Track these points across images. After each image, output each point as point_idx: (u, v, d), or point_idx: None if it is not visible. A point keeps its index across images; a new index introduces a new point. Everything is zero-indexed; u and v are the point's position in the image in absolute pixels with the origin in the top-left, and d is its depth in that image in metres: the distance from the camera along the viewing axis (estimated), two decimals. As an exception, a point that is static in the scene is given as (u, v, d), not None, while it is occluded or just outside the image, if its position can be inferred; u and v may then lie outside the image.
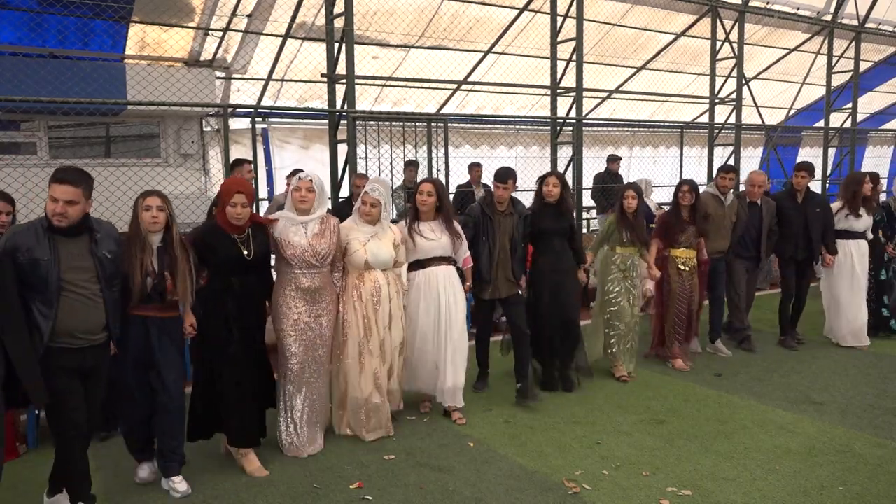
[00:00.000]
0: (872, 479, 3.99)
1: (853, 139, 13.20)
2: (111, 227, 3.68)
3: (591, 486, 3.95)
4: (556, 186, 5.56)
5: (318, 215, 4.38)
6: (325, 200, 4.45)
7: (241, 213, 4.05)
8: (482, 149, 11.36)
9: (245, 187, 4.13)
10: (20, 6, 7.04)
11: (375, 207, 4.58)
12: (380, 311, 4.58)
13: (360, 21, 8.34)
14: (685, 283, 6.14)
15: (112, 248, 3.55)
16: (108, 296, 3.48)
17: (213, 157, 8.87)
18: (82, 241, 3.44)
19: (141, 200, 3.80)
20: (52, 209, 3.32)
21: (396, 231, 4.77)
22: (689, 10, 10.52)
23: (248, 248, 4.10)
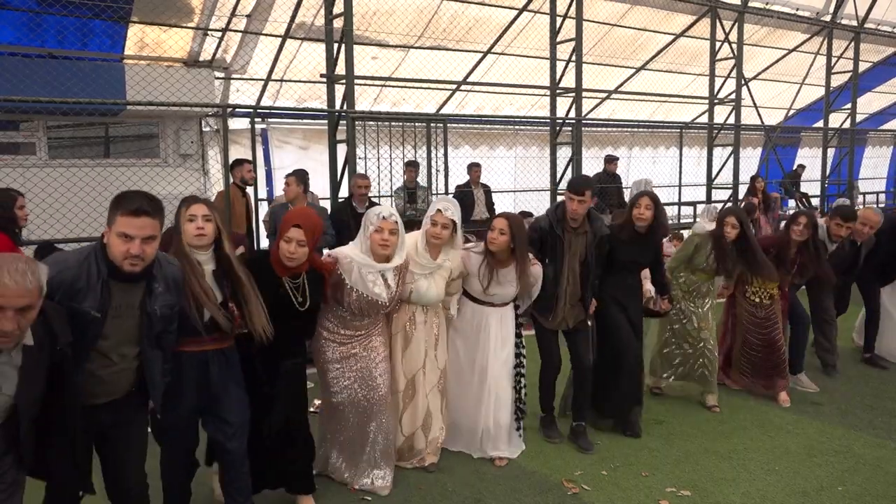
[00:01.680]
0: (871, 480, 3.99)
1: (852, 139, 13.21)
2: (174, 268, 2.87)
3: (591, 486, 3.94)
4: (648, 209, 4.49)
5: (398, 263, 3.71)
6: (405, 242, 3.76)
7: (296, 252, 3.30)
8: (481, 149, 11.36)
9: (306, 221, 3.35)
10: (19, 6, 7.04)
11: (447, 229, 3.89)
12: (411, 347, 4.00)
13: (360, 21, 8.35)
14: (756, 312, 5.27)
15: (171, 300, 2.79)
16: (149, 358, 2.77)
17: (212, 157, 8.87)
18: (136, 290, 2.69)
19: (183, 209, 3.06)
20: (125, 251, 2.53)
21: (457, 266, 4.07)
22: (688, 10, 10.53)
23: (301, 296, 3.39)
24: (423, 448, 4.11)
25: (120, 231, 2.53)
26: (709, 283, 5.14)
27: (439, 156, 8.44)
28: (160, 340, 2.82)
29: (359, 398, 3.76)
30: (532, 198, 10.66)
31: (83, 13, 7.00)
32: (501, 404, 4.27)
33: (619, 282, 4.61)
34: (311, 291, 3.44)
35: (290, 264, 3.34)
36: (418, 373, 4.03)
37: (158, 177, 7.63)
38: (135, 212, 2.53)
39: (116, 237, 2.54)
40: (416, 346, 4.01)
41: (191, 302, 2.95)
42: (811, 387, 5.55)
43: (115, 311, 2.62)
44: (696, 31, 11.06)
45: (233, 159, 7.16)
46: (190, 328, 2.98)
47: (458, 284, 4.16)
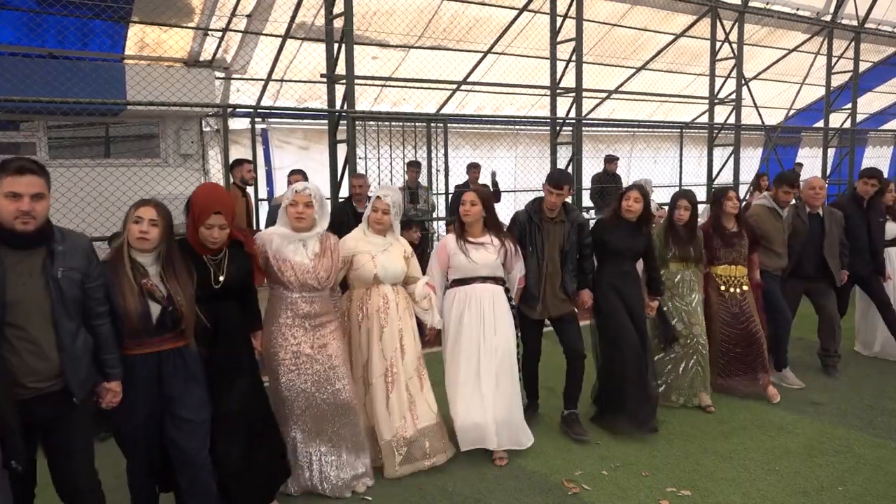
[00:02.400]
0: (872, 480, 3.99)
1: (852, 140, 13.21)
2: (81, 236, 2.88)
3: (591, 486, 3.95)
4: (637, 202, 4.70)
5: (318, 232, 3.82)
6: (325, 215, 3.88)
7: (219, 236, 3.33)
8: (482, 149, 11.36)
9: (224, 204, 3.37)
10: (20, 6, 7.04)
11: (387, 214, 4.11)
12: (387, 328, 4.05)
13: (360, 21, 8.35)
14: (730, 306, 5.27)
15: (78, 263, 2.75)
16: (66, 330, 2.69)
17: (212, 157, 8.88)
18: (36, 257, 2.66)
19: (132, 210, 3.06)
20: (15, 209, 2.56)
21: (406, 243, 4.30)
22: (688, 10, 10.53)
23: (221, 272, 3.38)
24: (425, 445, 4.08)
25: (7, 191, 2.56)
26: (686, 271, 5.14)
27: (440, 156, 8.44)
28: (88, 320, 2.80)
29: (317, 402, 3.73)
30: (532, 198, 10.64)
31: (83, 13, 7.01)
32: (510, 394, 4.30)
33: (615, 269, 4.75)
34: (233, 266, 3.42)
35: (214, 247, 3.37)
36: (396, 354, 4.06)
37: (159, 177, 7.63)
38: (19, 170, 2.57)
39: (4, 199, 2.56)
40: (392, 328, 4.06)
41: (122, 298, 2.92)
42: (796, 383, 5.55)
43: (16, 278, 2.58)
44: (697, 31, 11.06)
45: (233, 159, 7.16)
46: (135, 331, 2.97)
47: (416, 266, 4.27)
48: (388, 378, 4.05)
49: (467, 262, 4.28)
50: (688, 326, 5.12)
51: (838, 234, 5.80)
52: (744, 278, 5.31)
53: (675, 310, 5.15)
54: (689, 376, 5.13)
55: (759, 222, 5.55)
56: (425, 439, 4.10)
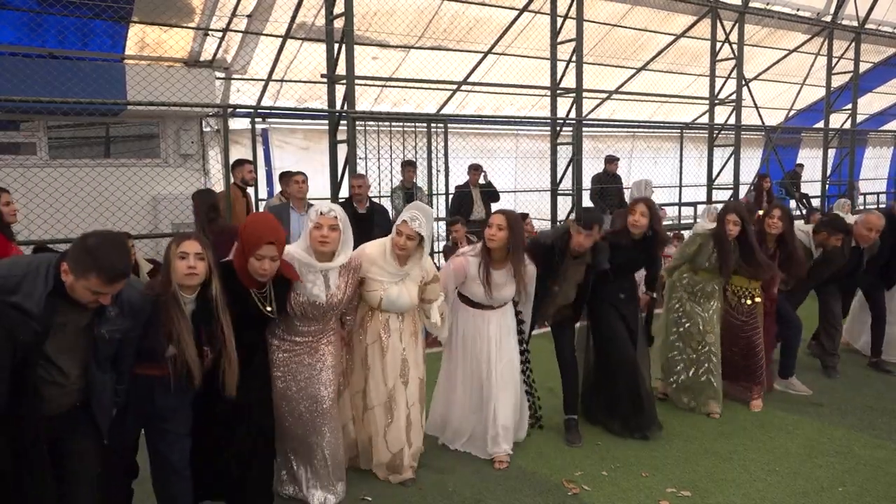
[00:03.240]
0: (872, 481, 3.99)
1: (853, 140, 13.21)
2: (134, 290, 2.76)
3: (591, 486, 3.94)
4: (643, 216, 4.49)
5: (342, 262, 3.51)
6: (349, 239, 3.53)
7: (270, 269, 3.15)
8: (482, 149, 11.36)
9: (278, 235, 3.17)
10: (20, 6, 7.04)
11: (412, 241, 3.72)
12: (389, 355, 3.86)
13: (360, 21, 8.34)
14: (736, 314, 5.14)
15: (124, 324, 2.69)
16: (96, 380, 2.68)
17: (212, 157, 8.87)
18: (87, 311, 2.59)
19: (174, 246, 2.88)
20: (93, 300, 2.49)
21: (429, 268, 3.94)
22: (688, 10, 10.53)
23: (269, 304, 3.25)
24: (406, 462, 4.00)
25: (94, 290, 2.45)
26: (713, 282, 4.99)
27: (440, 156, 8.44)
28: (114, 364, 2.75)
29: (301, 410, 3.57)
30: (532, 198, 10.66)
31: (84, 13, 7.00)
32: (506, 407, 4.24)
33: (615, 287, 4.60)
34: (278, 298, 3.31)
35: (263, 280, 3.20)
36: (398, 382, 3.90)
37: (159, 177, 7.64)
38: (112, 279, 2.46)
39: (85, 289, 2.45)
40: (393, 355, 3.87)
41: (164, 339, 2.84)
42: (804, 390, 5.46)
43: (59, 327, 2.53)
44: (697, 32, 11.06)
45: (233, 160, 7.16)
46: (145, 353, 2.88)
47: (436, 289, 3.98)
48: (387, 408, 3.91)
49: (485, 297, 4.11)
50: (702, 333, 5.01)
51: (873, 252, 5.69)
52: (755, 290, 5.14)
53: (691, 313, 5.04)
54: (700, 383, 5.05)
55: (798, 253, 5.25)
56: (413, 459, 4.06)
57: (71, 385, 2.65)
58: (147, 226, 7.90)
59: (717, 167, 11.02)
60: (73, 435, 2.73)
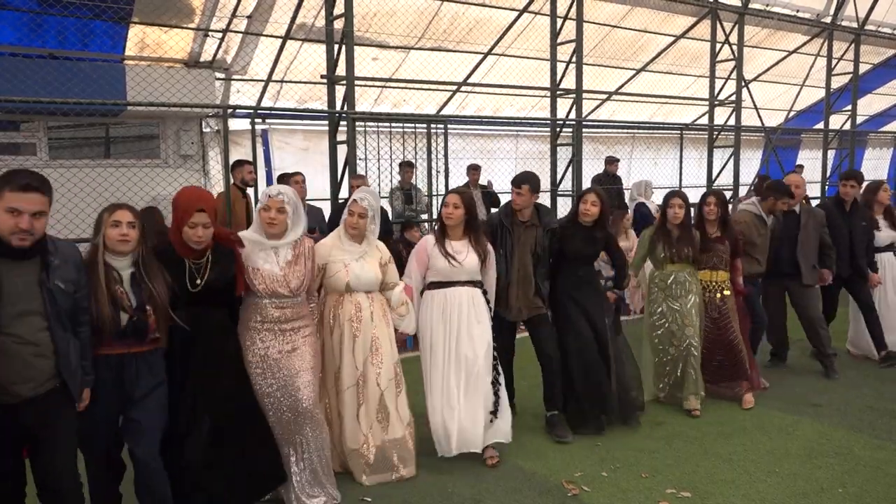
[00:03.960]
0: (872, 481, 3.99)
1: (852, 141, 13.22)
2: (72, 248, 2.94)
3: (591, 487, 3.94)
4: (594, 206, 4.71)
5: (292, 239, 3.70)
6: (299, 220, 3.75)
7: (203, 235, 3.30)
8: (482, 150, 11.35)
9: (207, 202, 3.36)
10: (20, 7, 7.05)
11: (363, 219, 3.98)
12: (360, 337, 3.96)
13: (360, 22, 8.34)
14: (710, 311, 5.21)
15: (70, 275, 2.82)
16: (60, 337, 2.75)
17: (212, 158, 8.87)
18: (31, 267, 2.71)
19: (107, 215, 3.07)
20: (13, 225, 2.59)
21: (384, 249, 4.17)
22: (688, 11, 10.53)
23: (199, 277, 3.35)
24: (389, 451, 3.99)
25: (8, 206, 2.59)
26: (684, 272, 5.09)
27: (440, 157, 8.44)
28: (74, 326, 2.83)
29: (283, 408, 3.62)
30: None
31: (84, 14, 7.01)
32: (485, 397, 4.21)
33: (570, 274, 4.77)
34: (215, 271, 3.38)
35: (198, 248, 3.34)
36: (367, 362, 3.97)
37: (159, 177, 7.63)
38: (24, 187, 2.60)
39: (4, 213, 2.59)
40: (364, 337, 3.97)
41: (104, 304, 2.96)
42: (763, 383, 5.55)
43: (12, 288, 2.63)
44: (697, 33, 11.06)
45: (233, 160, 7.16)
46: (107, 333, 2.99)
47: (394, 272, 4.17)
48: (359, 388, 3.96)
49: (448, 266, 4.21)
50: (681, 328, 5.08)
51: (816, 233, 5.75)
52: (724, 283, 5.22)
53: (668, 311, 5.12)
54: (684, 379, 5.10)
55: (746, 229, 5.50)
56: (393, 451, 4.02)
57: (43, 348, 2.71)
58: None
59: (717, 168, 11.02)
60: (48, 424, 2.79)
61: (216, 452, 3.35)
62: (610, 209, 4.88)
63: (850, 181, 6.09)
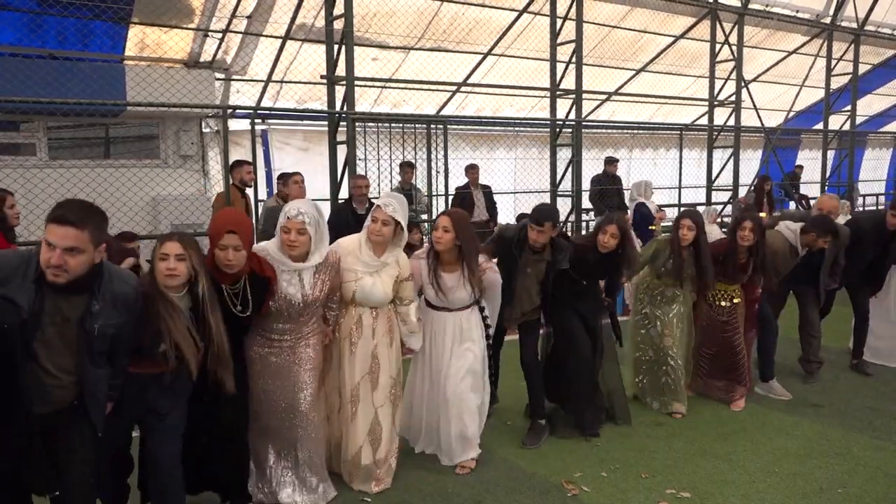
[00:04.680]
0: (871, 482, 3.99)
1: (852, 142, 13.22)
2: (126, 283, 2.76)
3: (590, 487, 3.94)
4: (614, 238, 4.47)
5: (316, 262, 3.53)
6: (322, 240, 3.55)
7: (234, 258, 3.15)
8: (481, 150, 11.37)
9: (240, 225, 3.20)
10: (20, 7, 7.05)
11: (388, 226, 3.70)
12: (357, 354, 3.81)
13: (360, 23, 8.35)
14: (717, 315, 5.17)
15: (117, 320, 2.66)
16: (88, 373, 2.64)
17: (212, 158, 8.88)
18: (76, 302, 2.58)
19: (158, 246, 2.91)
20: (47, 259, 2.44)
21: (405, 265, 3.90)
22: (688, 12, 10.54)
23: (241, 303, 3.25)
24: (374, 468, 3.90)
25: (46, 238, 2.45)
26: (673, 289, 5.03)
27: (439, 157, 8.44)
28: (110, 359, 2.73)
29: (279, 410, 3.57)
30: (532, 200, 10.66)
31: (84, 14, 7.01)
32: (465, 413, 4.10)
33: (572, 289, 4.61)
34: (253, 296, 3.28)
35: (230, 272, 3.19)
36: (363, 380, 3.84)
37: (158, 178, 7.64)
38: (57, 219, 2.43)
39: (44, 244, 2.46)
40: (363, 352, 3.82)
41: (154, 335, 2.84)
42: (784, 394, 5.40)
43: (51, 318, 2.52)
44: (697, 33, 11.07)
45: (233, 161, 7.16)
46: (141, 350, 2.88)
47: (410, 288, 3.94)
48: (354, 404, 3.85)
49: (437, 299, 4.05)
50: (660, 336, 5.06)
51: (833, 253, 5.57)
52: (735, 291, 5.16)
53: (651, 316, 5.12)
54: (661, 385, 5.10)
55: (773, 258, 5.22)
56: (378, 468, 3.92)
57: (68, 380, 2.63)
58: (147, 227, 7.90)
59: (717, 168, 11.04)
60: (68, 430, 2.72)
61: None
62: (631, 241, 4.65)
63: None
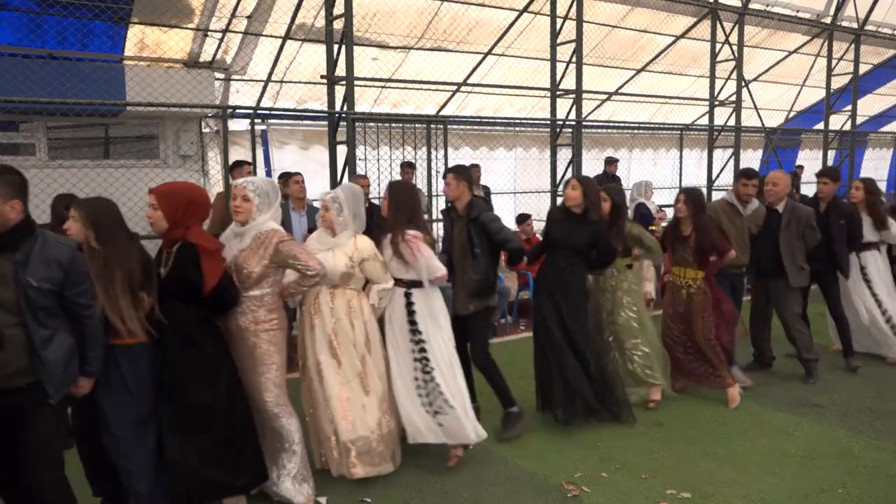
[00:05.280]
0: (872, 482, 3.98)
1: (852, 142, 13.21)
2: (61, 247, 2.90)
3: (590, 488, 3.94)
4: (574, 189, 4.72)
5: (255, 228, 3.71)
6: (268, 209, 3.77)
7: (152, 216, 3.43)
8: (481, 150, 11.36)
9: (161, 188, 3.47)
10: (20, 7, 7.04)
11: (328, 211, 4.07)
12: (316, 331, 4.00)
13: (360, 22, 8.34)
14: (676, 305, 5.36)
15: (53, 275, 2.79)
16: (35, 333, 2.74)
17: (212, 158, 8.86)
18: (6, 259, 2.74)
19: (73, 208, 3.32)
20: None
21: (363, 247, 4.10)
22: (688, 12, 10.52)
23: (163, 265, 3.44)
24: (349, 454, 3.93)
25: None
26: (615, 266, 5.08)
27: (439, 157, 8.43)
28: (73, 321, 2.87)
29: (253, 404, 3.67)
30: (532, 200, 10.66)
31: (83, 14, 7.00)
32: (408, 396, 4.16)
33: (552, 263, 4.77)
34: (174, 266, 3.40)
35: (156, 231, 3.48)
36: (326, 358, 3.96)
37: (158, 178, 7.61)
38: None
39: None
40: (321, 330, 3.99)
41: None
42: (744, 381, 5.53)
43: None
44: (697, 33, 11.05)
45: (232, 161, 7.16)
46: None
47: (375, 269, 4.12)
48: (319, 379, 3.97)
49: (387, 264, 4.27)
50: (605, 323, 5.15)
51: (799, 233, 5.61)
52: (694, 281, 5.26)
53: (599, 306, 5.14)
54: (630, 374, 5.19)
55: (714, 215, 5.51)
56: (366, 447, 3.95)
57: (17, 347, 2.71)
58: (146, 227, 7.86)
59: (717, 168, 11.02)
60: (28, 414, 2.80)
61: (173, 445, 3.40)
62: (596, 196, 4.77)
63: (823, 178, 6.08)
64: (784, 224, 5.61)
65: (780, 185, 5.66)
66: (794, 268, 5.62)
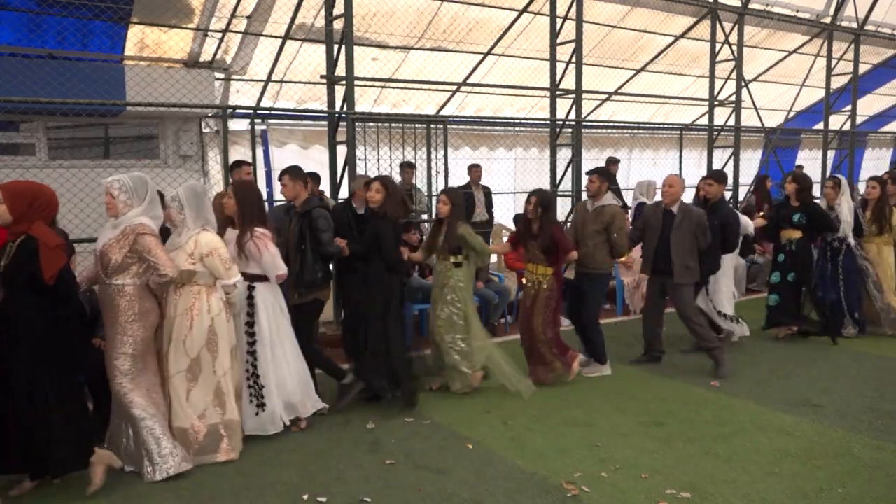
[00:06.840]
0: (871, 482, 3.99)
1: (852, 141, 13.22)
2: None
3: (590, 488, 3.94)
4: (378, 193, 5.09)
5: (125, 221, 4.05)
6: (139, 204, 4.12)
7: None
8: (481, 150, 11.36)
9: (4, 184, 3.73)
10: (19, 7, 7.04)
11: (168, 210, 4.38)
12: (164, 323, 4.30)
13: (360, 22, 8.34)
14: (525, 300, 5.73)
15: None
16: None
17: (212, 158, 8.86)
18: None
19: None
20: None
21: (204, 243, 4.31)
22: (688, 12, 10.53)
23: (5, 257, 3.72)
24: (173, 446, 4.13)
25: None
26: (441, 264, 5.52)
27: (439, 157, 8.44)
28: None
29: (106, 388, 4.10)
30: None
31: (83, 14, 7.00)
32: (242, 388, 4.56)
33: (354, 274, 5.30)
34: (14, 258, 3.66)
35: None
36: (170, 352, 4.25)
37: (158, 178, 7.61)
38: None
39: None
40: (167, 325, 4.28)
41: None
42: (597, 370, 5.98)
43: None
44: (697, 33, 11.06)
45: (232, 161, 7.15)
46: None
47: (214, 263, 4.29)
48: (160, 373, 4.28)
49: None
50: (438, 318, 5.53)
51: (690, 232, 5.95)
52: (545, 277, 5.61)
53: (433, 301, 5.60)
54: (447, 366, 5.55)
55: (575, 218, 6.04)
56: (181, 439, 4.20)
57: None
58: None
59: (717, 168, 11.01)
60: None
61: None
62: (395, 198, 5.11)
63: (707, 180, 6.64)
64: (676, 224, 5.99)
65: (675, 188, 6.16)
66: (681, 265, 5.97)
